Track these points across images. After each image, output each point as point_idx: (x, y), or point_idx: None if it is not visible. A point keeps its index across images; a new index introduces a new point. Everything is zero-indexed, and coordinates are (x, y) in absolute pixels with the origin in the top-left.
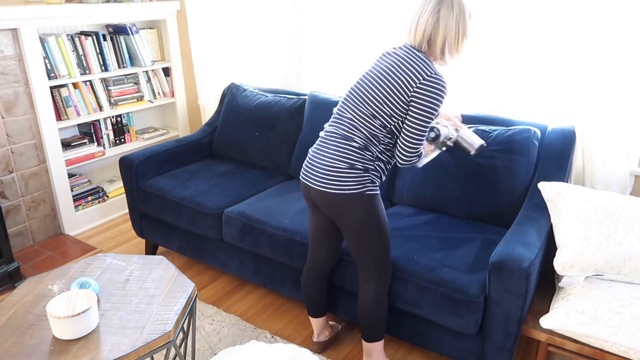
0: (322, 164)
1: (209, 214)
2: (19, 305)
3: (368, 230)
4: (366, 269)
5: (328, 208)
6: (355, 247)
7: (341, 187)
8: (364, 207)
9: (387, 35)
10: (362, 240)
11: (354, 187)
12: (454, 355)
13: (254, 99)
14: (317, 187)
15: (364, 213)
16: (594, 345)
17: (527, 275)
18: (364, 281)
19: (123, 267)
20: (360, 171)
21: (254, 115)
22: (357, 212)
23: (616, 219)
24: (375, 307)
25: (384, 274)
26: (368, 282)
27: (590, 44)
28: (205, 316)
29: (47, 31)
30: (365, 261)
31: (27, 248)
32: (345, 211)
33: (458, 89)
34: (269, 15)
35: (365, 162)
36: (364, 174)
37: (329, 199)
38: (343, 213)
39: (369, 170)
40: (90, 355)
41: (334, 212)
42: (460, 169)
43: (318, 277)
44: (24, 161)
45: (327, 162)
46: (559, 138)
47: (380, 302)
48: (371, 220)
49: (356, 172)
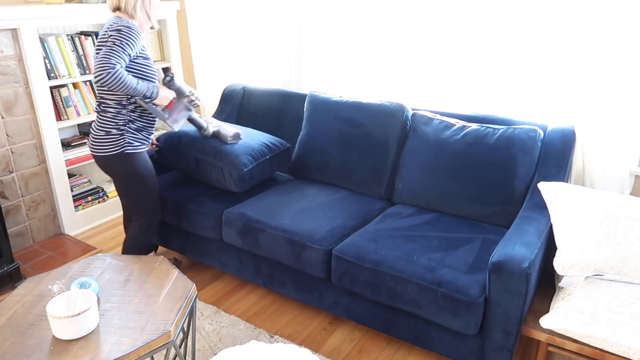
0: (91, 134)
1: (209, 214)
2: (19, 305)
3: (132, 184)
4: (137, 211)
5: (101, 168)
6: (123, 197)
7: (103, 151)
8: (124, 165)
9: (387, 35)
10: (128, 191)
11: (112, 150)
12: (454, 355)
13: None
14: (91, 153)
15: (125, 170)
16: (594, 345)
17: (527, 275)
18: (133, 221)
19: (123, 267)
20: (115, 135)
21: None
22: (120, 169)
23: (616, 219)
24: (135, 242)
25: (150, 217)
26: (135, 223)
27: (590, 44)
28: (205, 316)
29: (47, 31)
30: (133, 206)
31: (27, 248)
32: (110, 170)
33: (458, 89)
34: (269, 15)
35: (119, 126)
36: (119, 137)
37: (98, 160)
38: (110, 172)
39: (123, 133)
40: (90, 355)
41: (105, 171)
42: (461, 168)
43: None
44: (24, 161)
45: (92, 133)
46: (559, 138)
47: (138, 239)
48: (132, 175)
49: (111, 137)
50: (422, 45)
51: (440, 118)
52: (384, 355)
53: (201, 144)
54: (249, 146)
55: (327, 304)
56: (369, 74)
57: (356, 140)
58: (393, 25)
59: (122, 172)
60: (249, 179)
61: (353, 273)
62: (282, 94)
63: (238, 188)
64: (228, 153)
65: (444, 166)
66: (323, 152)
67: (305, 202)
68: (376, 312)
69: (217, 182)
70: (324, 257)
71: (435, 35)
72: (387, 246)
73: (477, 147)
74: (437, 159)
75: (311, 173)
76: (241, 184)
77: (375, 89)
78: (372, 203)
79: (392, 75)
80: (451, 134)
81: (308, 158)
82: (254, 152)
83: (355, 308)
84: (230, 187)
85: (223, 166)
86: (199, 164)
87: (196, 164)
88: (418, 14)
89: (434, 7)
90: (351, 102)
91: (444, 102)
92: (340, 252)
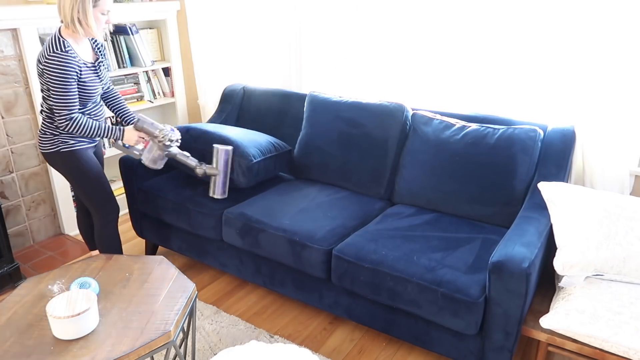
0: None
1: (209, 214)
2: (19, 305)
3: (75, 180)
4: (89, 207)
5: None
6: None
7: (43, 148)
8: (63, 163)
9: (387, 35)
10: (75, 187)
11: (50, 148)
12: (454, 355)
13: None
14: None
15: (64, 167)
16: (594, 345)
17: (527, 275)
18: (92, 215)
19: (123, 267)
20: (52, 135)
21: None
22: (60, 166)
23: (616, 219)
24: (101, 237)
25: (104, 212)
26: (95, 217)
27: (590, 45)
28: (205, 316)
29: (47, 31)
30: (85, 201)
31: (27, 248)
32: (53, 166)
33: (458, 89)
34: (269, 15)
35: (52, 129)
36: (54, 137)
37: (45, 158)
38: (54, 168)
39: (57, 135)
40: (90, 355)
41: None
42: (461, 168)
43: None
44: (24, 161)
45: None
46: (559, 138)
47: (103, 235)
48: (73, 172)
49: (47, 136)
50: (421, 45)
51: (440, 118)
52: (384, 355)
53: (207, 137)
54: (256, 141)
55: (327, 304)
56: (369, 74)
57: (356, 140)
58: (393, 25)
59: (62, 170)
60: (256, 173)
61: (353, 273)
62: (282, 94)
63: (245, 179)
64: (237, 144)
65: (444, 166)
66: (323, 152)
67: (305, 202)
68: (376, 312)
69: None
70: (324, 257)
71: (435, 35)
72: (387, 246)
73: (477, 147)
74: (437, 159)
75: (311, 173)
76: (249, 175)
77: (375, 89)
78: (372, 203)
79: (392, 75)
80: (451, 134)
81: (308, 158)
82: (262, 147)
83: (355, 308)
84: (238, 179)
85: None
86: (205, 156)
87: (201, 156)
88: (418, 14)
89: (434, 7)
90: (351, 102)
91: (444, 102)
92: (340, 252)
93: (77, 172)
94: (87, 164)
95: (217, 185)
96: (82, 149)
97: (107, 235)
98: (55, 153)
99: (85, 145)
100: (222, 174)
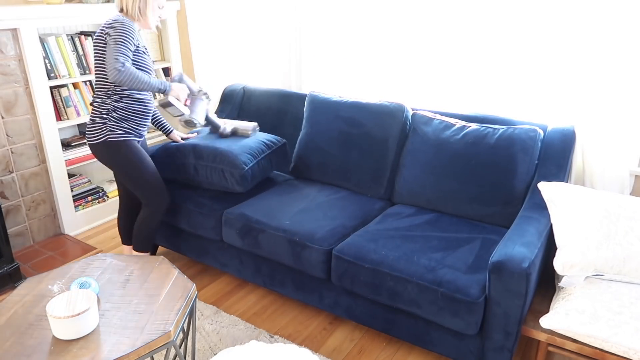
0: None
1: (209, 214)
2: (19, 305)
3: (124, 171)
4: (140, 197)
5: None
6: (124, 183)
7: (90, 139)
8: (109, 154)
9: (387, 35)
10: (124, 179)
11: (97, 138)
12: (454, 355)
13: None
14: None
15: (112, 159)
16: (594, 345)
17: (527, 275)
18: (143, 205)
19: (123, 267)
20: (100, 123)
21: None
22: (106, 158)
23: (616, 219)
24: (142, 225)
25: (153, 202)
26: (145, 207)
27: (590, 45)
28: (205, 316)
29: (47, 31)
30: (136, 192)
31: (27, 248)
32: (99, 158)
33: (458, 89)
34: (269, 15)
35: (103, 115)
36: (102, 125)
37: (90, 149)
38: (100, 160)
39: (106, 122)
40: (90, 355)
41: (98, 160)
42: (461, 168)
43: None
44: (24, 161)
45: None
46: (559, 138)
47: (146, 224)
48: (121, 163)
49: (96, 125)
50: (421, 45)
51: (440, 118)
52: (384, 355)
53: (196, 151)
54: (246, 145)
55: (327, 304)
56: (369, 74)
57: (356, 140)
58: (393, 25)
59: (109, 161)
60: (251, 178)
61: (353, 273)
62: (282, 94)
63: (241, 187)
64: (226, 154)
65: (444, 166)
66: (323, 152)
67: (305, 202)
68: (376, 312)
69: (219, 185)
70: (324, 257)
71: (435, 35)
72: (387, 246)
73: (477, 147)
74: (437, 159)
75: (311, 173)
76: (244, 183)
77: (375, 89)
78: (372, 203)
79: (392, 75)
80: (451, 134)
81: (308, 158)
82: (252, 151)
83: (356, 308)
84: (234, 188)
85: (224, 167)
86: (198, 169)
87: (195, 170)
88: (418, 14)
89: (434, 7)
90: (351, 102)
91: (444, 102)
92: (340, 252)
93: (124, 164)
94: (135, 156)
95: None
96: (129, 140)
97: (148, 227)
98: (103, 143)
99: (132, 137)
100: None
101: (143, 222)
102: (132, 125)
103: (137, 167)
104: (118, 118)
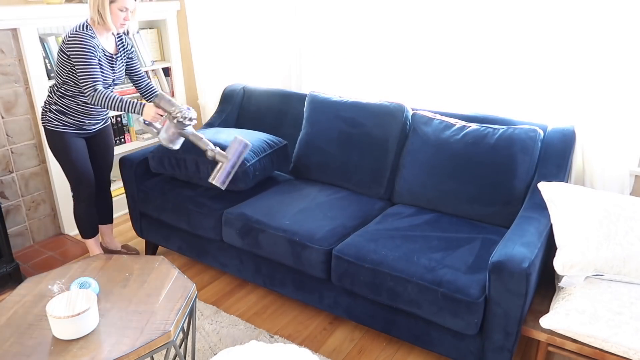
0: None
1: (208, 214)
2: (19, 305)
3: (56, 157)
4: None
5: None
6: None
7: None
8: (48, 139)
9: (387, 35)
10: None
11: (43, 123)
12: (454, 355)
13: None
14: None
15: (49, 143)
16: (594, 345)
17: (527, 275)
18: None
19: (123, 267)
20: (43, 111)
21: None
22: (48, 142)
23: (616, 219)
24: (74, 213)
25: (76, 189)
26: (73, 194)
27: (590, 45)
28: (205, 316)
29: (47, 31)
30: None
31: (27, 248)
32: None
33: (458, 89)
34: (269, 15)
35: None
36: (44, 114)
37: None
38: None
39: (47, 112)
40: (90, 355)
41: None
42: (461, 168)
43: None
44: (24, 161)
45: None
46: (559, 138)
47: (74, 210)
48: (54, 149)
49: (43, 111)
50: (421, 45)
51: (440, 118)
52: (384, 355)
53: (198, 147)
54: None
55: (327, 304)
56: (369, 74)
57: (356, 140)
58: (393, 25)
59: (49, 145)
60: (253, 175)
61: (353, 273)
62: (282, 94)
63: (243, 184)
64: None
65: (444, 166)
66: (323, 152)
67: (305, 202)
68: (376, 312)
69: None
70: (324, 257)
71: (435, 35)
72: (387, 246)
73: (477, 147)
74: (437, 159)
75: (311, 173)
76: (246, 179)
77: (375, 89)
78: (372, 203)
79: (392, 75)
80: (451, 134)
81: (308, 158)
82: (255, 148)
83: (356, 308)
84: (235, 184)
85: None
86: (199, 165)
87: (196, 166)
88: (418, 14)
89: (434, 8)
90: (351, 102)
91: (444, 102)
92: (340, 252)
93: (54, 151)
94: (67, 145)
95: (221, 172)
96: (65, 132)
97: (78, 215)
98: (44, 129)
99: (70, 130)
100: (231, 163)
101: (73, 209)
102: (71, 120)
103: (66, 155)
104: (57, 111)
